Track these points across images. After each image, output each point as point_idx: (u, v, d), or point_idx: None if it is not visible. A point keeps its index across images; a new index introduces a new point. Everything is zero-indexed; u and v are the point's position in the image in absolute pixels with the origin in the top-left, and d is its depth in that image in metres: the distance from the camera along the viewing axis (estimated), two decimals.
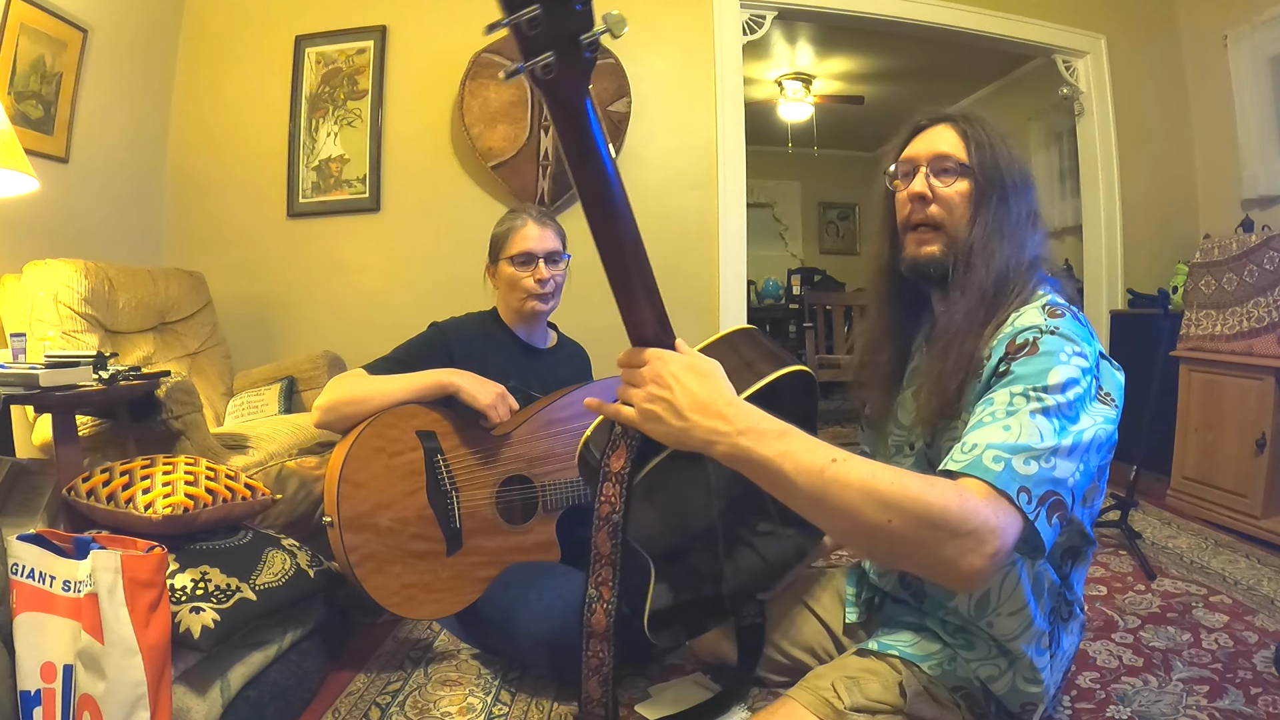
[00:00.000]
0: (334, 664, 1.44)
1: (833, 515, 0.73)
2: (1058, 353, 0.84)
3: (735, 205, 3.04)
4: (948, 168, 0.99)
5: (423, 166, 2.96)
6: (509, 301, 1.62)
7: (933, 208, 0.99)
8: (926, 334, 1.11)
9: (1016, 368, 0.84)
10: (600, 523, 0.84)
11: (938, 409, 0.94)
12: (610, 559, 0.86)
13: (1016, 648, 0.98)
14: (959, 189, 0.98)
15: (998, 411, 0.81)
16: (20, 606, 1.06)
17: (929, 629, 1.06)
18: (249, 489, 1.38)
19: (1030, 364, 0.84)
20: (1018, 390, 0.82)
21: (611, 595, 0.87)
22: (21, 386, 1.33)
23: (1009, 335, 0.89)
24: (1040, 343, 0.85)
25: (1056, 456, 0.78)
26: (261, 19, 2.94)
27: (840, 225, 7.34)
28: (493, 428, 1.46)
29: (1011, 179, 0.98)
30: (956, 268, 0.97)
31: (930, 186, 0.99)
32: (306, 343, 2.82)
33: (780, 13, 3.14)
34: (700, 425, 0.75)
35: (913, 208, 1.00)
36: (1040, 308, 0.92)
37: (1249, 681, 1.34)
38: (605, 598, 0.87)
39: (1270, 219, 2.82)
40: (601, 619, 0.88)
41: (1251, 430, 2.25)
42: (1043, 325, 0.87)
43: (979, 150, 0.98)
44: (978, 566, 0.70)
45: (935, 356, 0.98)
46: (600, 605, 0.87)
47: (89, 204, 2.46)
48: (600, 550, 0.85)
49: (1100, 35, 3.35)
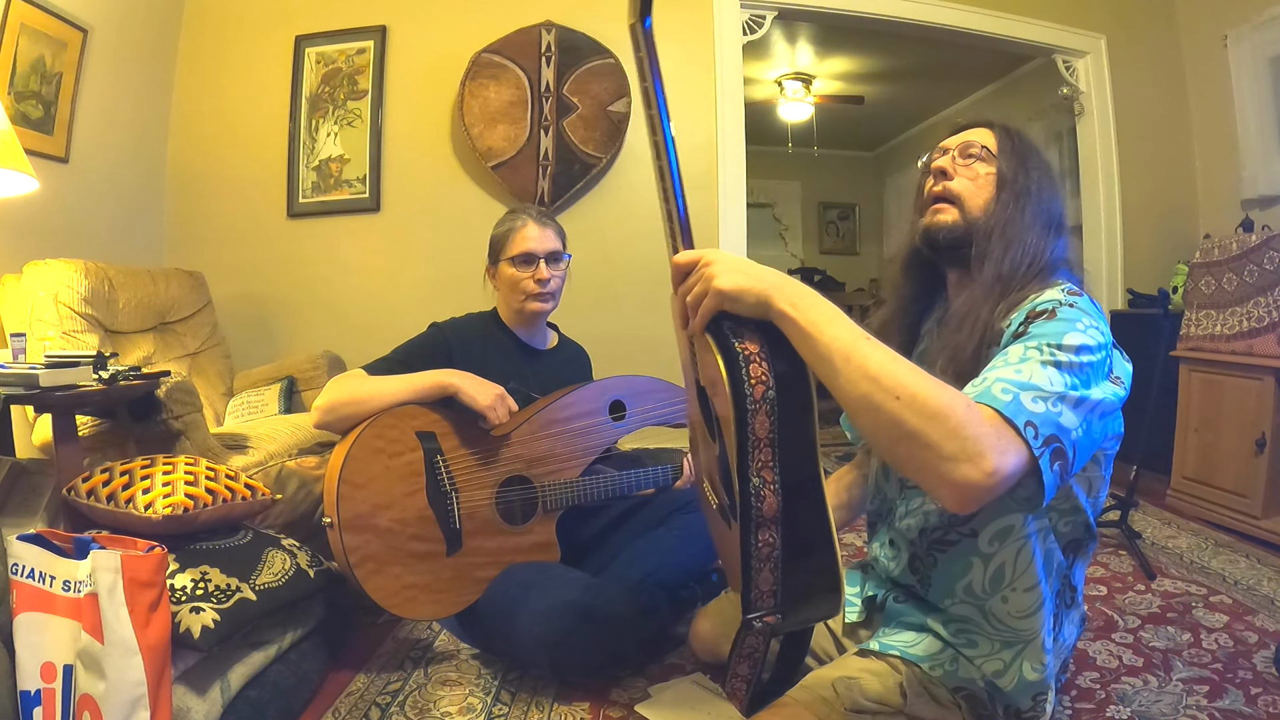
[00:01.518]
0: (334, 664, 1.44)
1: (854, 378, 0.77)
2: (1075, 321, 0.87)
3: (735, 205, 3.04)
4: (974, 152, 1.04)
5: (423, 166, 2.96)
6: (509, 302, 1.62)
7: (951, 182, 1.04)
8: (938, 318, 1.14)
9: (1034, 329, 0.88)
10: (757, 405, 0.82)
11: (952, 377, 0.95)
12: (769, 440, 0.83)
13: (1029, 627, 0.99)
14: (981, 170, 1.03)
15: (1010, 357, 0.85)
16: (20, 606, 1.06)
17: (931, 629, 1.06)
18: (249, 489, 1.38)
19: (1048, 326, 0.87)
20: (1032, 345, 0.85)
21: (775, 477, 0.85)
22: (21, 386, 1.33)
23: (1029, 307, 0.93)
24: (1059, 311, 0.89)
25: (1064, 404, 0.79)
26: (261, 19, 2.95)
27: (840, 225, 7.34)
28: (492, 428, 1.46)
29: (1037, 179, 1.02)
30: (976, 243, 1.01)
31: (954, 163, 1.04)
32: (306, 343, 2.82)
33: (780, 13, 3.14)
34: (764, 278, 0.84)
35: (933, 180, 1.06)
36: (1061, 289, 0.96)
37: (1249, 681, 1.34)
38: (769, 480, 0.84)
39: (1270, 219, 2.82)
40: (773, 503, 0.85)
41: (1251, 430, 2.25)
42: (1062, 300, 0.91)
43: (1009, 151, 1.03)
44: (973, 479, 0.72)
45: (950, 330, 1.02)
46: (768, 489, 0.84)
47: (89, 204, 2.46)
48: (757, 434, 0.83)
49: (1100, 35, 3.35)
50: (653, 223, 2.95)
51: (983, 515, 0.99)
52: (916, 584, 1.10)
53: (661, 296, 0.91)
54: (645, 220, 2.97)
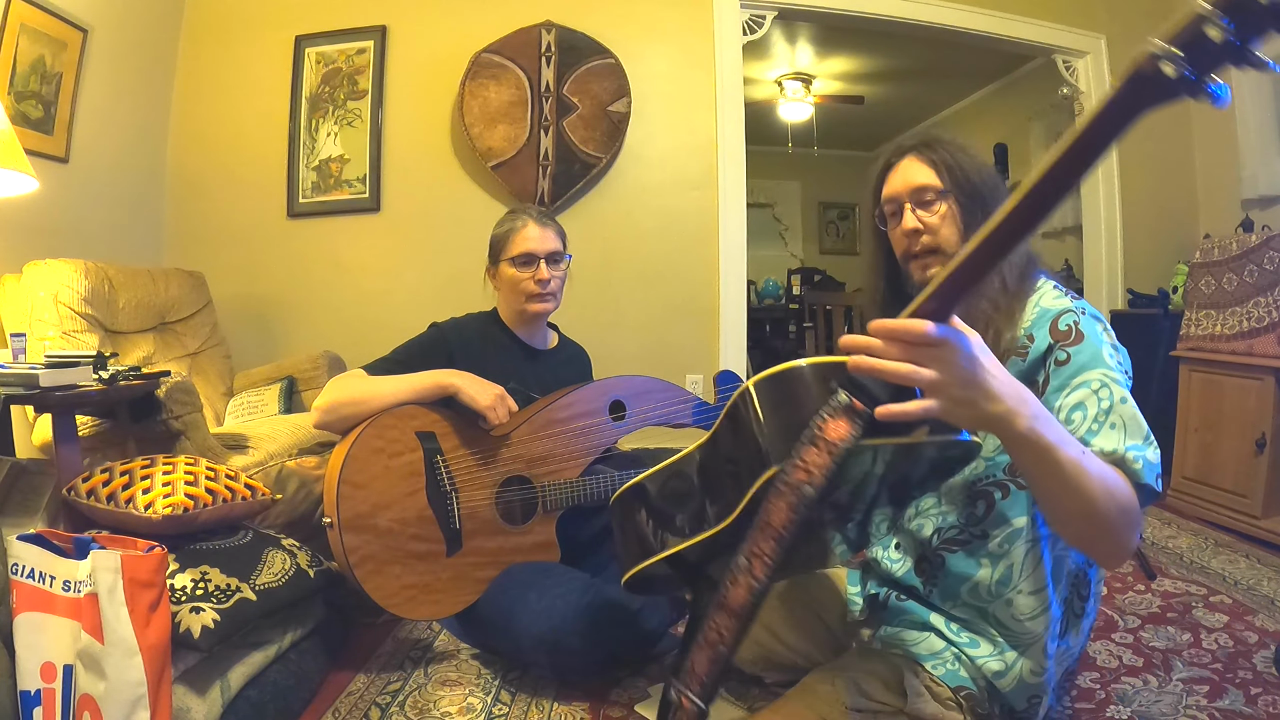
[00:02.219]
0: (334, 664, 1.44)
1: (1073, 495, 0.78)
2: (1099, 332, 0.94)
3: (735, 205, 3.04)
4: (928, 198, 1.05)
5: (423, 166, 2.96)
6: (510, 303, 1.62)
7: (925, 237, 1.05)
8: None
9: (1074, 353, 0.93)
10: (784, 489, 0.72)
11: None
12: (780, 534, 0.73)
13: (1033, 630, 0.99)
14: (942, 212, 1.04)
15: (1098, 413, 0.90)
16: (20, 606, 1.06)
17: (933, 628, 1.06)
18: (249, 489, 1.38)
19: (1085, 350, 0.93)
20: (1095, 384, 0.91)
21: (764, 575, 0.74)
22: (21, 386, 1.33)
23: (1046, 317, 0.97)
24: (1081, 325, 0.94)
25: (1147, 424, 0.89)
26: (261, 19, 2.95)
27: (840, 225, 7.34)
28: (492, 428, 1.46)
29: (985, 186, 1.04)
30: None
31: (919, 219, 1.04)
32: (306, 343, 2.82)
33: (780, 13, 3.14)
34: (1008, 407, 0.73)
35: (910, 241, 1.06)
36: (1055, 289, 1.01)
37: (1249, 681, 1.34)
38: (756, 574, 0.75)
39: (1270, 219, 2.82)
40: (742, 596, 0.76)
41: (1251, 430, 2.25)
42: (1071, 306, 0.97)
43: (949, 171, 1.04)
44: (1134, 546, 0.84)
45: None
46: (746, 578, 0.75)
47: (89, 204, 2.46)
48: (771, 520, 0.73)
49: (1100, 35, 3.35)
50: (653, 223, 2.99)
51: (994, 517, 1.00)
52: (921, 585, 1.10)
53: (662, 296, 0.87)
54: (645, 220, 2.98)
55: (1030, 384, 0.95)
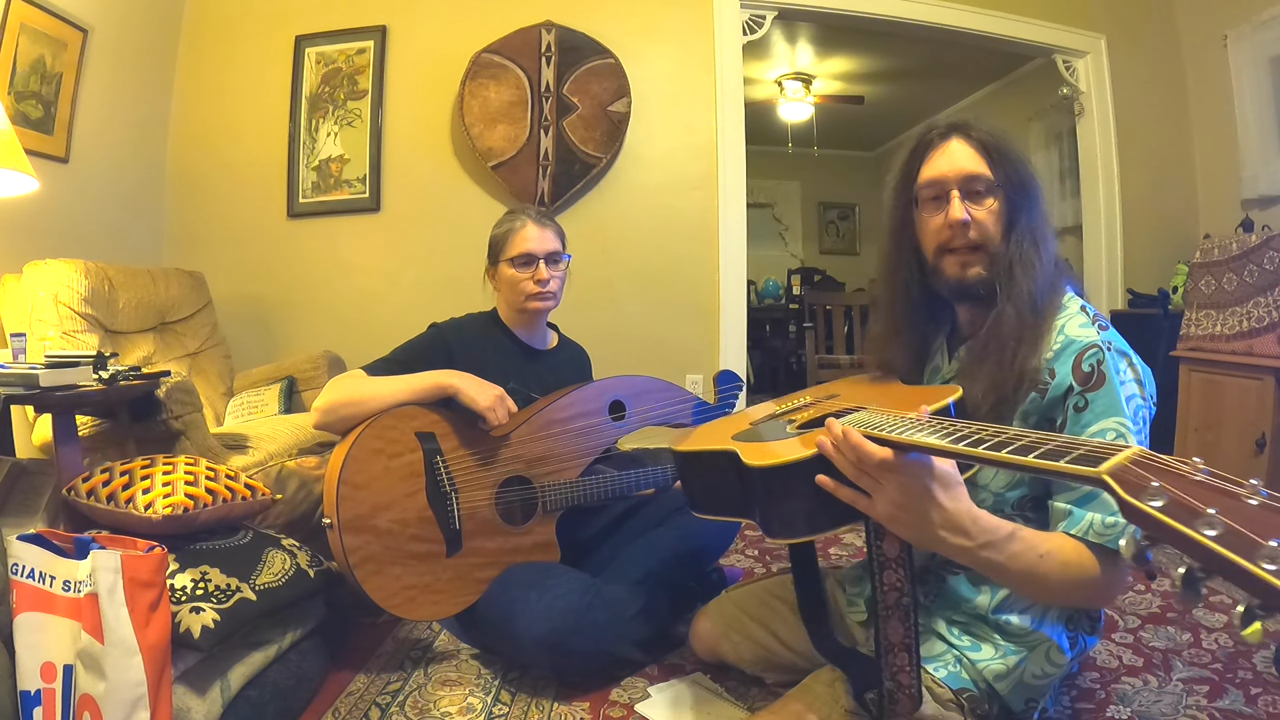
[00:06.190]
0: (334, 664, 1.44)
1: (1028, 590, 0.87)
2: (1122, 370, 0.91)
3: (735, 205, 3.04)
4: (978, 189, 0.98)
5: (423, 166, 2.96)
6: (509, 303, 1.61)
7: (973, 231, 0.99)
8: (947, 335, 1.13)
9: (1092, 400, 0.90)
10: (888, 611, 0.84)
11: (991, 408, 0.96)
12: (905, 644, 0.86)
13: (1036, 639, 0.99)
14: (991, 208, 0.98)
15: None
16: (20, 606, 1.06)
17: (934, 630, 1.06)
18: (249, 489, 1.38)
19: (1103, 397, 0.90)
20: (1110, 434, 0.88)
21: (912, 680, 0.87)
22: (21, 386, 1.33)
23: (1070, 350, 0.93)
24: (1104, 365, 0.91)
25: None
26: (261, 19, 2.95)
27: (840, 225, 7.34)
28: (492, 429, 1.46)
29: (1032, 184, 0.99)
30: (998, 281, 0.98)
31: (968, 211, 0.98)
32: (306, 343, 2.82)
33: (780, 13, 3.14)
34: (949, 540, 0.79)
35: (953, 234, 1.00)
36: (1082, 312, 0.96)
37: (1249, 681, 1.34)
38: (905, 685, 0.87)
39: (1270, 219, 2.82)
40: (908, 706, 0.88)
41: (1251, 430, 2.25)
42: (1098, 340, 0.92)
43: (1002, 162, 0.98)
44: (1110, 598, 0.92)
45: (977, 360, 0.99)
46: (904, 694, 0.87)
47: (89, 204, 2.46)
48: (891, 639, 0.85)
49: (1100, 35, 3.35)
50: (653, 223, 2.99)
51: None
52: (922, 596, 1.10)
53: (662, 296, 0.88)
54: (645, 220, 2.98)
55: (1047, 422, 0.94)
